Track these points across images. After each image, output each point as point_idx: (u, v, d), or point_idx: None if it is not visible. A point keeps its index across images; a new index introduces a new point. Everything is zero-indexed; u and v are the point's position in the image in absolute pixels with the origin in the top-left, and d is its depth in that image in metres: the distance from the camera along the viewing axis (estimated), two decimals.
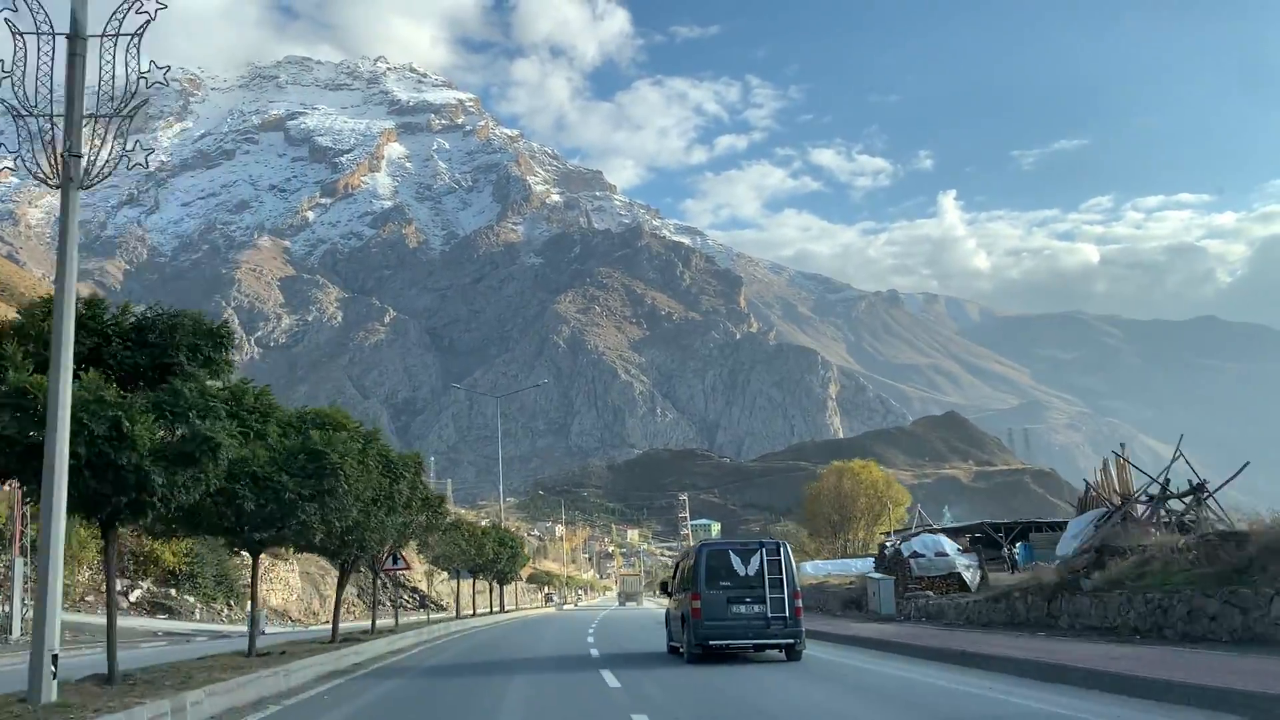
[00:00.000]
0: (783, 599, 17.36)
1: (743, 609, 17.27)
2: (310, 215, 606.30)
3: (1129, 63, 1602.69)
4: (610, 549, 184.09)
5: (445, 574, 59.67)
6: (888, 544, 41.32)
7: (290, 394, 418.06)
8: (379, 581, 61.45)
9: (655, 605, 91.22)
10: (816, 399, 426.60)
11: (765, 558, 17.71)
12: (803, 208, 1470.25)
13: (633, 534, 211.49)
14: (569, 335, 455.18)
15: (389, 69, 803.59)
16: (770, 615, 17.21)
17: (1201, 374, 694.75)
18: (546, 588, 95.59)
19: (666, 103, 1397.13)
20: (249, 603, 20.48)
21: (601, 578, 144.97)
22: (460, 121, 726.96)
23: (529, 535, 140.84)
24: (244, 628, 32.24)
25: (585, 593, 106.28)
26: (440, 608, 60.95)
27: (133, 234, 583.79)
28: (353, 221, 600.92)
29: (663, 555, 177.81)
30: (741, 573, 17.61)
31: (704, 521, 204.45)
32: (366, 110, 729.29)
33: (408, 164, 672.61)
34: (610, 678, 15.43)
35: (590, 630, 32.43)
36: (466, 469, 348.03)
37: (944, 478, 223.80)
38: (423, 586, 67.87)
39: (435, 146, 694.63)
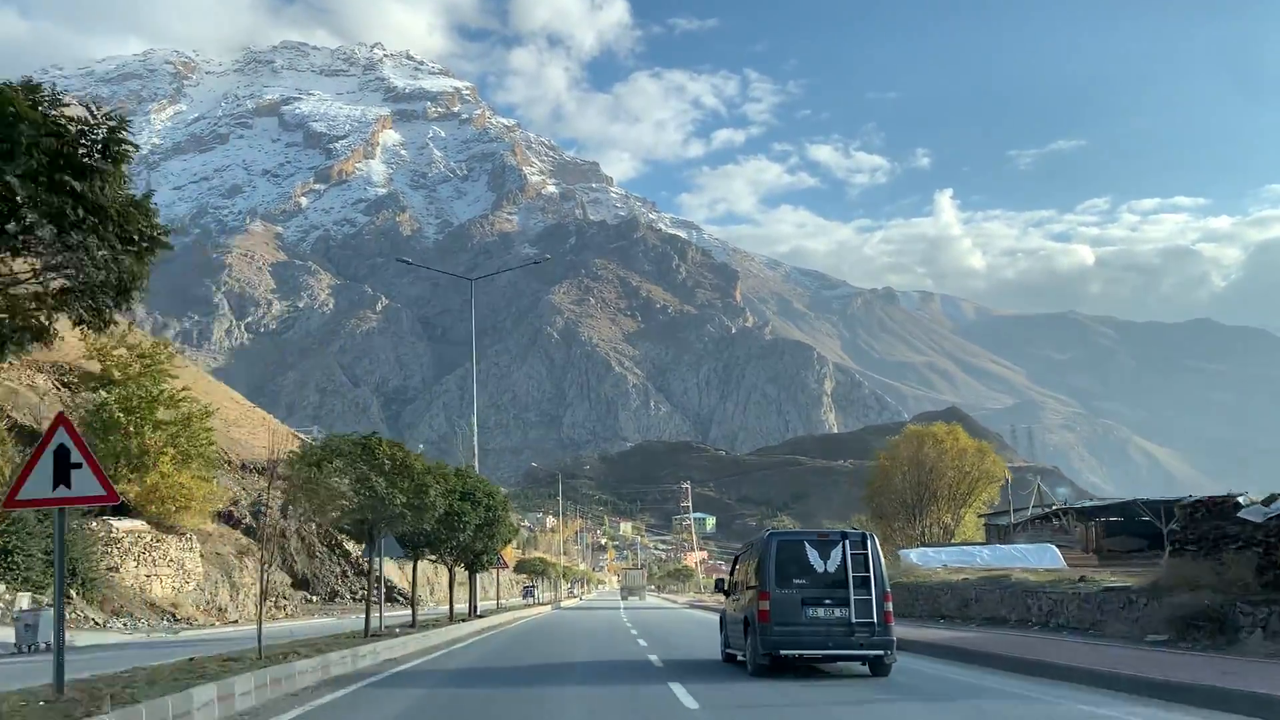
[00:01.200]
0: (869, 601, 14.23)
1: (821, 612, 14.25)
2: (303, 201, 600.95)
3: (1127, 65, 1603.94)
4: (603, 541, 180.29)
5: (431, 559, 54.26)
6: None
7: (280, 380, 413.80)
8: (341, 571, 54.94)
9: (661, 601, 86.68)
10: (812, 395, 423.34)
11: (848, 551, 14.53)
12: (799, 204, 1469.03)
13: (626, 526, 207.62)
14: (563, 326, 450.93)
15: (385, 56, 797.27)
16: (854, 620, 14.11)
17: (1196, 376, 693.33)
18: (531, 578, 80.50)
19: (664, 95, 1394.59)
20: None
21: (595, 570, 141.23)
22: (456, 110, 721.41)
23: (520, 525, 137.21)
24: (96, 637, 24.83)
25: (581, 586, 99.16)
26: (403, 599, 53.36)
27: None
28: (346, 208, 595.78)
29: (656, 549, 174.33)
30: (819, 569, 14.40)
31: (700, 515, 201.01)
32: (362, 97, 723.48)
33: (403, 151, 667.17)
34: (684, 695, 12.24)
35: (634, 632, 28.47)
36: (458, 460, 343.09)
37: None
38: (391, 574, 59.13)
39: (431, 134, 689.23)
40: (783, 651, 14.29)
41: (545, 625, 34.82)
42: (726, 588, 18.30)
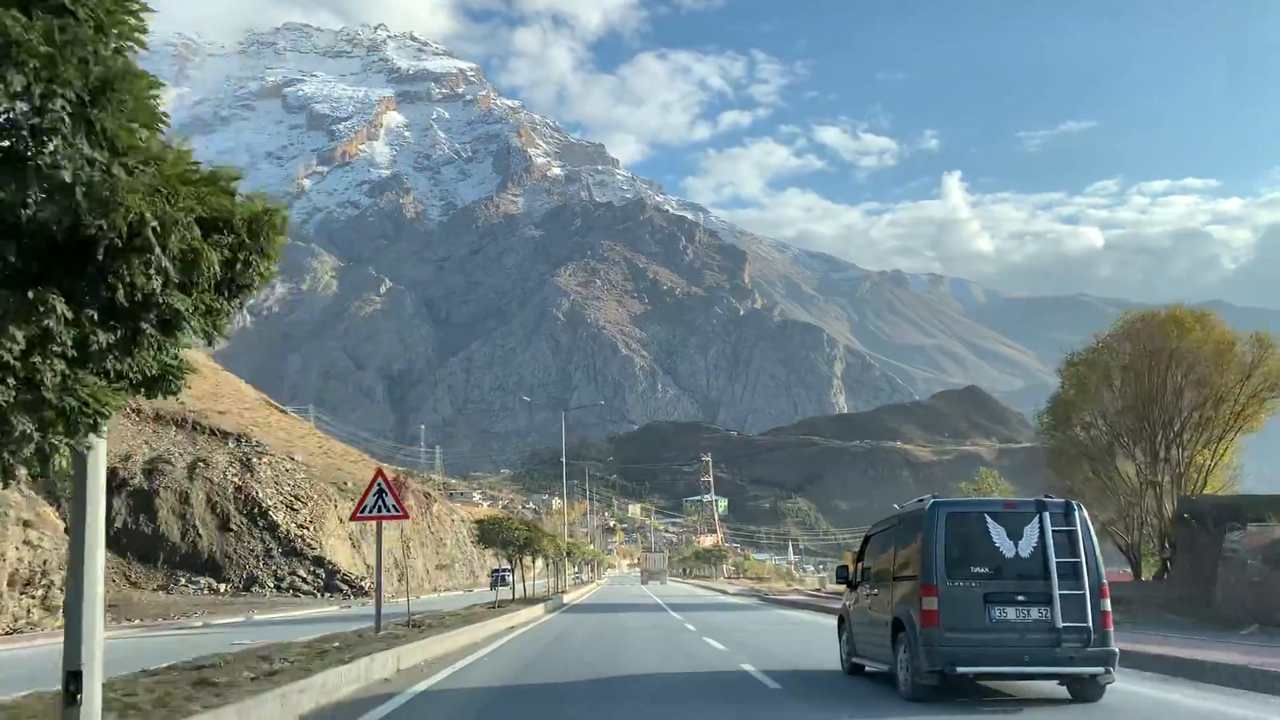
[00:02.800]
0: (1081, 597, 9.84)
1: (1012, 613, 9.88)
2: (307, 183, 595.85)
3: (1138, 46, 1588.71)
4: (611, 523, 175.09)
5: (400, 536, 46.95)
6: None
7: (282, 364, 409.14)
8: (265, 549, 43.69)
9: (686, 586, 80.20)
10: (822, 377, 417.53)
11: (1048, 526, 9.87)
12: (806, 187, 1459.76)
13: (634, 508, 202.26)
14: (568, 309, 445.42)
15: (389, 37, 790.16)
16: (1061, 624, 9.73)
17: None
18: (507, 554, 66.41)
19: (670, 76, 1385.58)
20: None
21: (605, 553, 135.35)
22: (461, 91, 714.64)
23: (523, 508, 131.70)
24: None
25: (592, 570, 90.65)
26: (359, 591, 43.29)
27: None
28: (349, 190, 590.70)
29: (666, 531, 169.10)
30: (1008, 552, 9.98)
31: (709, 497, 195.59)
32: (366, 78, 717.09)
33: (406, 133, 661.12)
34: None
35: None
36: (461, 442, 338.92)
37: (965, 454, 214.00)
38: (338, 557, 47.43)
39: (435, 116, 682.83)
40: (959, 668, 9.70)
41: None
42: (851, 576, 13.69)
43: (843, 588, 14.70)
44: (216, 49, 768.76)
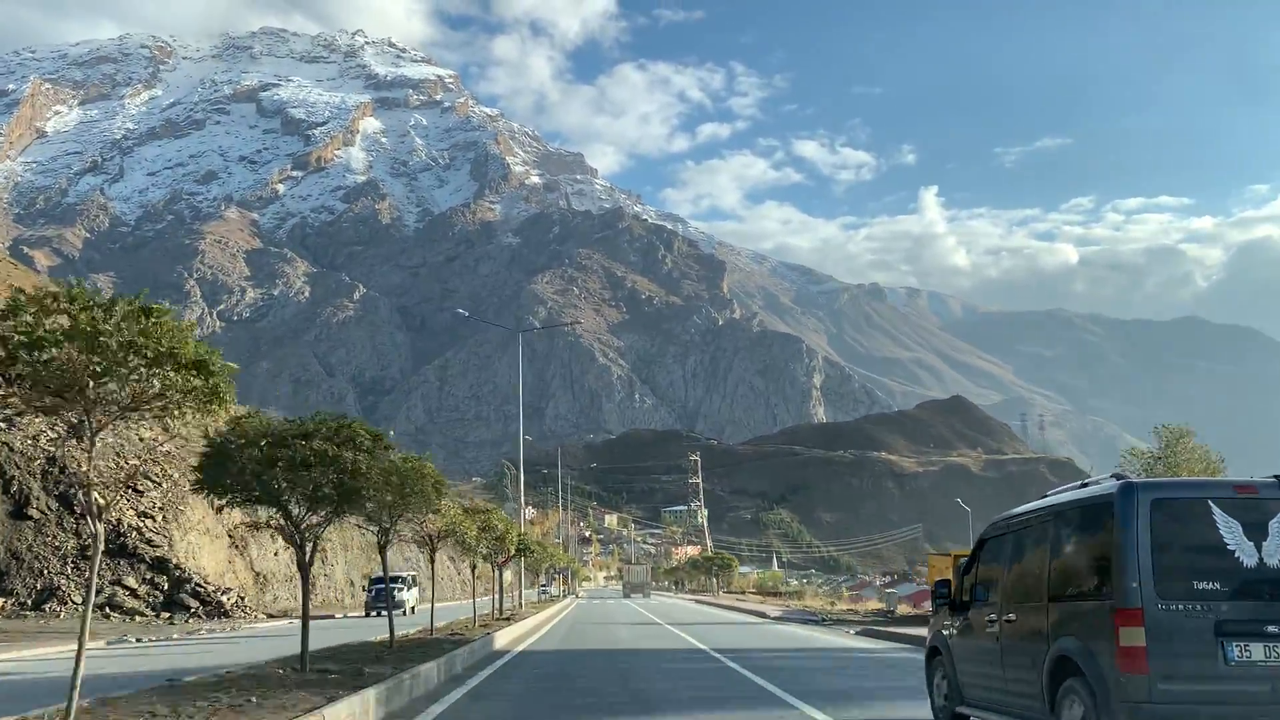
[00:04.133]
0: None
1: (1261, 652, 6.80)
2: (280, 188, 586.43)
3: (1114, 63, 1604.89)
4: (587, 533, 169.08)
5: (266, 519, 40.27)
6: None
7: (252, 370, 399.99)
8: (50, 543, 30.85)
9: (685, 603, 69.62)
10: (801, 388, 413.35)
11: None
12: (784, 200, 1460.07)
13: (610, 519, 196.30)
14: (545, 317, 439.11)
15: (367, 43, 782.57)
16: None
17: (1185, 374, 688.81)
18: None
19: (649, 87, 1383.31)
20: None
21: (580, 564, 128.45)
22: (439, 98, 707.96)
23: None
24: None
25: (567, 581, 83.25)
26: (218, 610, 33.17)
27: (95, 202, 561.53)
28: (324, 195, 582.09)
29: (644, 543, 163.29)
30: (1248, 558, 6.93)
31: (695, 503, 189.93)
32: (342, 84, 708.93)
33: (383, 139, 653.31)
34: None
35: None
36: (435, 450, 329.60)
37: (951, 466, 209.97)
38: (202, 560, 36.91)
39: (412, 122, 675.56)
40: None
41: None
42: (955, 594, 9.82)
43: (900, 607, 9.91)
44: (191, 52, 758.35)
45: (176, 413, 7.66)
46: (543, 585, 71.05)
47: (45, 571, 30.47)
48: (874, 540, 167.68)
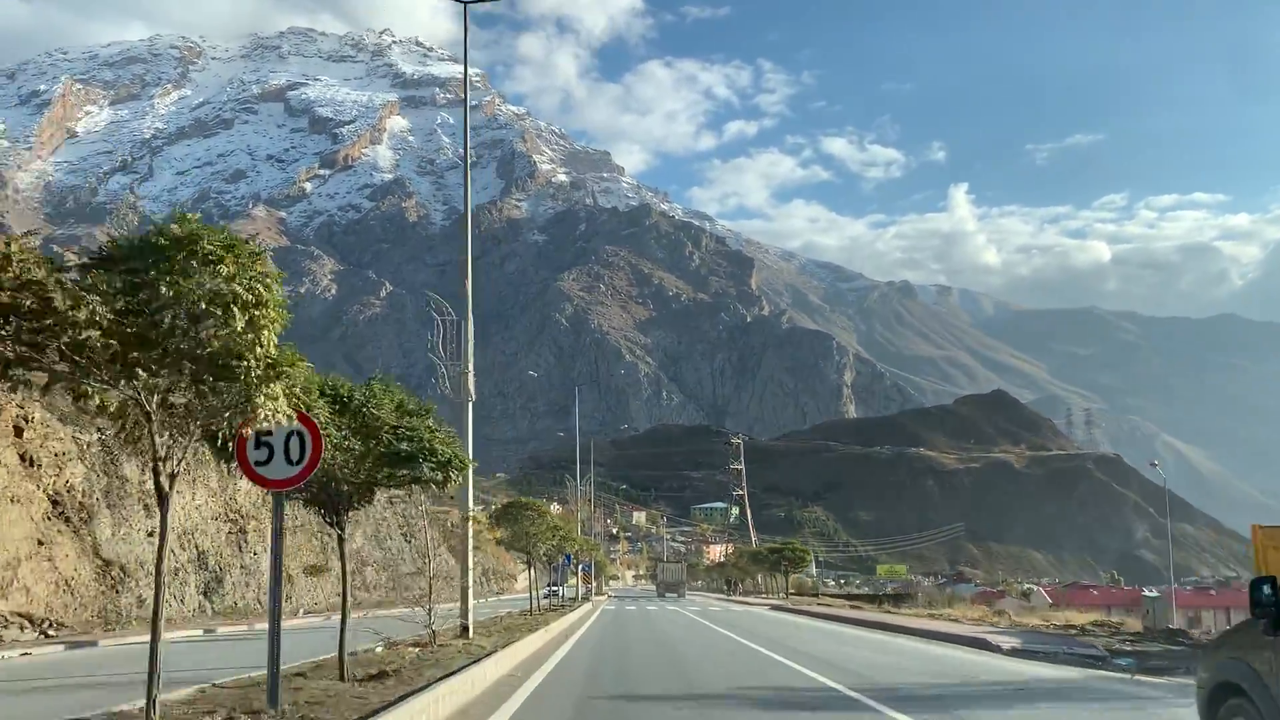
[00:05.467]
0: None
1: None
2: (308, 186, 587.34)
3: (1147, 58, 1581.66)
4: (614, 530, 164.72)
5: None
6: None
7: None
8: None
9: (712, 601, 64.44)
10: (831, 385, 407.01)
11: None
12: (812, 198, 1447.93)
13: (639, 516, 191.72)
14: (572, 314, 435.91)
15: (394, 42, 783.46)
16: None
17: (1222, 373, 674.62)
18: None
19: (675, 85, 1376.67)
20: None
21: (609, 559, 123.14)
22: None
23: None
24: None
25: (591, 579, 75.74)
26: None
27: (124, 201, 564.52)
28: (351, 194, 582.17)
29: (673, 540, 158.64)
30: None
31: (719, 504, 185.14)
32: (370, 83, 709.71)
33: (410, 138, 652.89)
34: None
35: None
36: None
37: (993, 462, 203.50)
38: None
39: (439, 121, 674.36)
40: None
41: None
42: None
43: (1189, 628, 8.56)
44: (220, 52, 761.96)
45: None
46: (550, 585, 51.96)
47: None
48: (914, 539, 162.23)
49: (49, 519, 25.42)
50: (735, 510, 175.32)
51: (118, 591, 27.22)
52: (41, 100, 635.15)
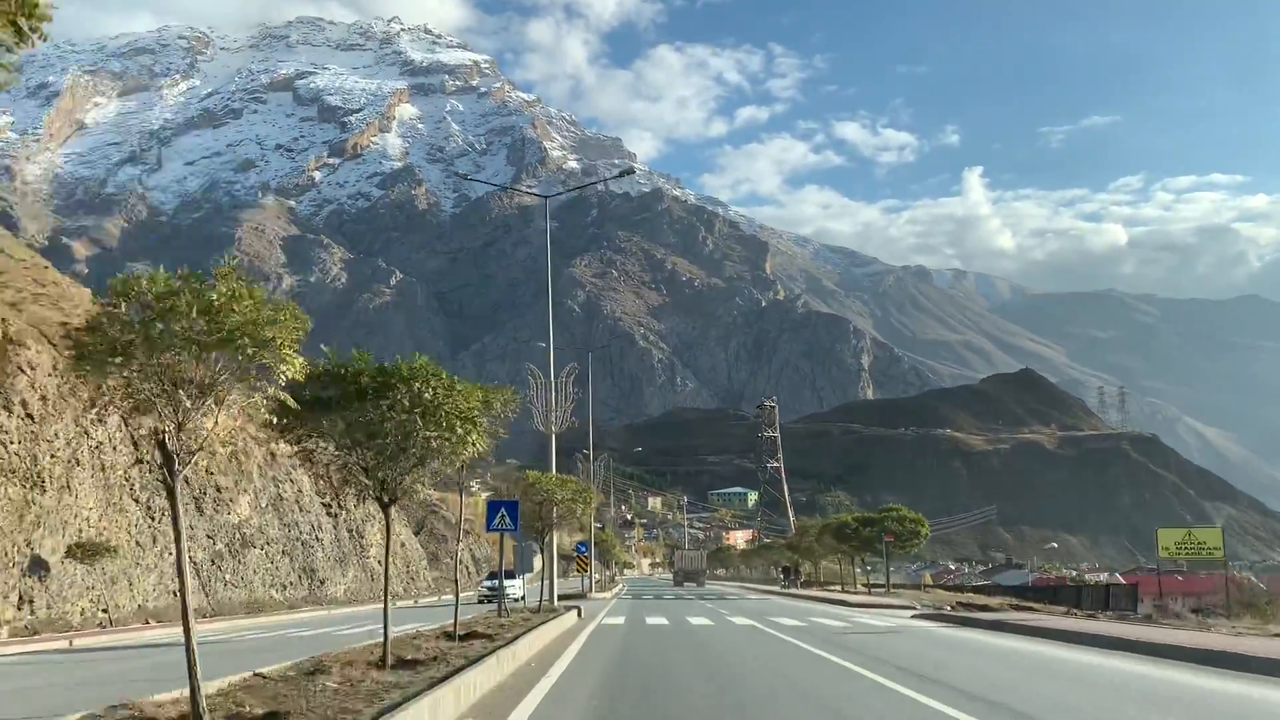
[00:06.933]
0: None
1: None
2: (317, 175, 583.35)
3: (1163, 38, 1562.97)
4: (629, 516, 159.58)
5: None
6: None
7: None
8: None
9: (734, 590, 59.21)
10: (848, 369, 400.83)
11: None
12: (824, 184, 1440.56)
13: (654, 502, 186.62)
14: (584, 300, 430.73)
15: (403, 30, 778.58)
16: None
17: (1245, 354, 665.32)
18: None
19: (686, 71, 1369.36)
20: None
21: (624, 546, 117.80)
22: (475, 83, 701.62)
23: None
24: None
25: (607, 569, 71.95)
26: None
27: (133, 192, 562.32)
28: (360, 182, 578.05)
29: (692, 527, 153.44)
30: None
31: (738, 490, 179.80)
32: (378, 71, 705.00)
33: (419, 125, 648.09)
34: None
35: None
36: None
37: (1024, 443, 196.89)
38: None
39: (449, 108, 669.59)
40: None
41: None
42: None
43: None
44: (229, 43, 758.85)
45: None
46: (489, 578, 39.53)
47: None
48: (943, 523, 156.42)
49: None
50: (755, 496, 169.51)
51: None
52: (50, 92, 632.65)
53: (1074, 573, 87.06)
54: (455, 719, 8.83)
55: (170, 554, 29.49)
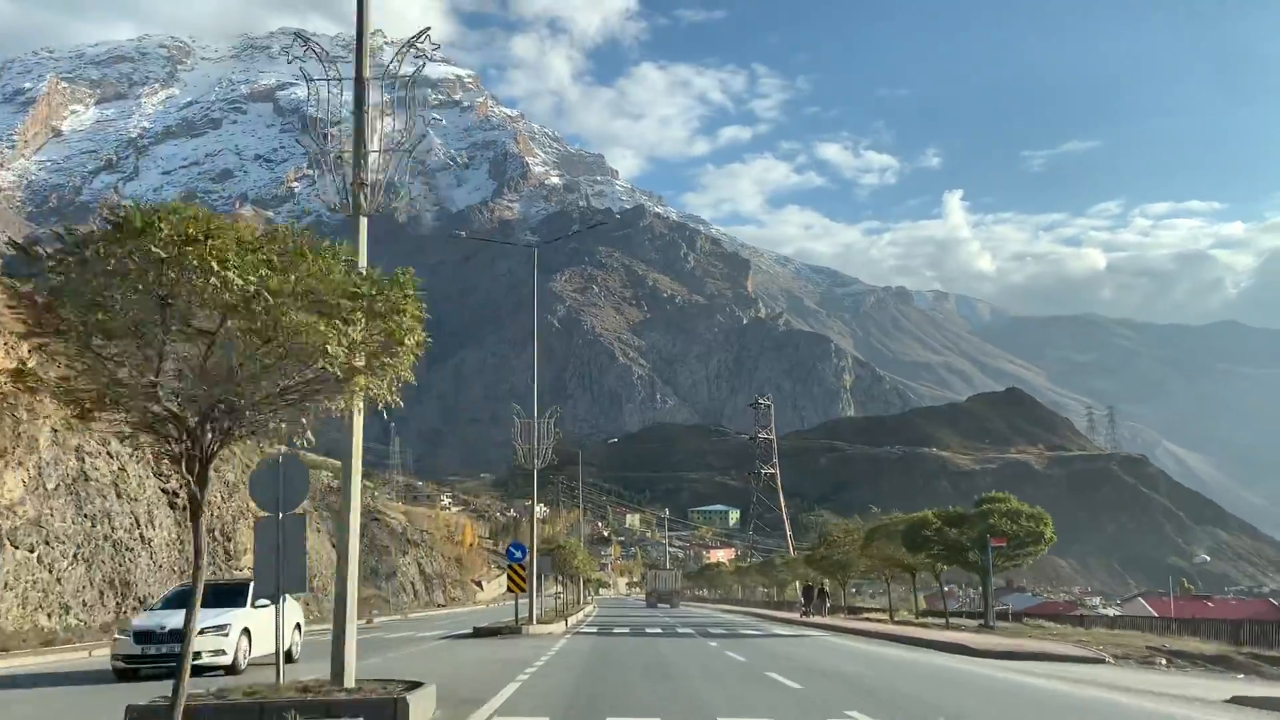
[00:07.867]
0: None
1: None
2: (296, 186, 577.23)
3: (1142, 66, 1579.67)
4: (606, 533, 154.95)
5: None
6: None
7: None
8: None
9: (736, 618, 50.60)
10: (829, 388, 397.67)
11: None
12: (806, 204, 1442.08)
13: (632, 519, 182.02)
14: (564, 315, 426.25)
15: (385, 43, 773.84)
16: None
17: (1223, 379, 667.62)
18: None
19: (669, 89, 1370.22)
20: None
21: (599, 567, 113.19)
22: (458, 98, 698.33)
23: (501, 514, 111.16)
24: None
25: (579, 587, 64.57)
26: None
27: (109, 200, 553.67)
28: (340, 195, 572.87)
29: (671, 545, 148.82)
30: None
31: (718, 507, 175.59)
32: None
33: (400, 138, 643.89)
34: None
35: None
36: (450, 449, 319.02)
37: (1010, 463, 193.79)
38: None
39: (431, 121, 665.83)
40: None
41: None
42: None
43: None
44: (210, 53, 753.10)
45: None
46: (141, 620, 18.19)
47: None
48: None
49: None
50: (736, 514, 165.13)
51: None
52: (27, 98, 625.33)
53: (1067, 596, 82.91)
54: None
55: None
